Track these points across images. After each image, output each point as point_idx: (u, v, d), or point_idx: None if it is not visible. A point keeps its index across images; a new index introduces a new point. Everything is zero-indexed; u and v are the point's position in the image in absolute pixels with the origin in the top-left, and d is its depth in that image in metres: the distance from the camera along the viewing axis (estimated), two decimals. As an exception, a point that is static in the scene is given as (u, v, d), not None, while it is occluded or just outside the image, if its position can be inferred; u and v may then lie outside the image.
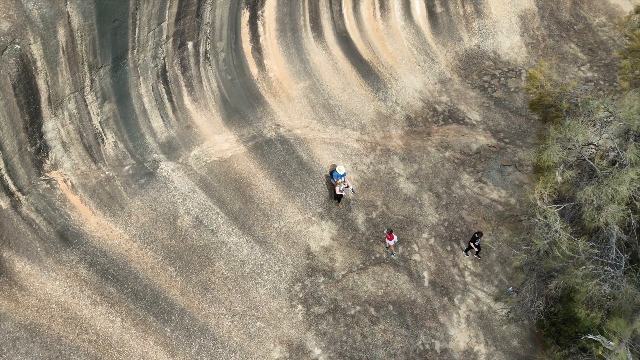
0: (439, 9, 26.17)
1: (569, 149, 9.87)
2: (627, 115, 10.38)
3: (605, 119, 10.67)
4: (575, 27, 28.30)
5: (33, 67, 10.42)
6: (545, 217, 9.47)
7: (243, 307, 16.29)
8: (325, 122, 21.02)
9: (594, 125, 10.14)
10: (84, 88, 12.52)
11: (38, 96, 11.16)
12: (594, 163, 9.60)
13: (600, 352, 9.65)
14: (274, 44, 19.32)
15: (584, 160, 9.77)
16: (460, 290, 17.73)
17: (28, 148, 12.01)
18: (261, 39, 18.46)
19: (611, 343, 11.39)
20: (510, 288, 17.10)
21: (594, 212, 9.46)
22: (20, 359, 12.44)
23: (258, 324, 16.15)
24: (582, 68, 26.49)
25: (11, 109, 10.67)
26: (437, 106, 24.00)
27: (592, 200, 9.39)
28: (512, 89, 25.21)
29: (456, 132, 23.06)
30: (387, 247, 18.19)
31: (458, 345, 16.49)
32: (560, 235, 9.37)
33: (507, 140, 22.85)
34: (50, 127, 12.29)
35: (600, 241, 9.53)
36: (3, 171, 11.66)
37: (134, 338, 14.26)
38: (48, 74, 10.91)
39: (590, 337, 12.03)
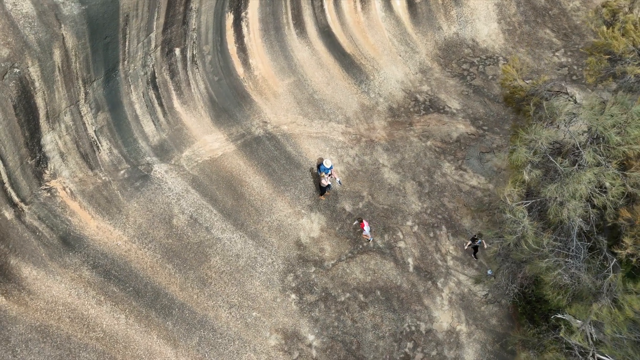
0: (418, -1, 26.71)
1: (535, 150, 10.81)
2: (589, 116, 11.32)
3: (570, 114, 11.61)
4: (550, 12, 29.07)
5: (32, 88, 10.96)
6: (514, 214, 10.46)
7: (239, 299, 17.22)
8: (310, 116, 21.72)
9: (558, 127, 11.07)
10: (78, 101, 13.08)
11: (37, 113, 11.72)
12: (557, 163, 10.56)
13: (562, 334, 10.76)
14: (258, 43, 19.82)
15: (549, 160, 10.73)
16: (443, 274, 18.88)
17: (29, 161, 12.62)
18: (246, 39, 18.96)
19: (578, 321, 12.60)
20: (490, 271, 18.28)
21: (557, 208, 10.46)
22: (33, 358, 13.29)
23: (254, 314, 17.13)
24: (556, 53, 27.40)
25: (13, 128, 11.24)
26: (418, 96, 24.77)
27: (556, 197, 10.38)
28: (490, 77, 26.05)
29: (437, 121, 23.93)
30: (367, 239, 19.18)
31: (442, 325, 17.70)
32: (527, 230, 10.39)
33: (485, 128, 23.80)
34: (49, 139, 12.88)
35: (563, 234, 10.57)
36: (7, 185, 12.27)
37: (138, 333, 15.15)
38: (45, 92, 11.46)
39: (559, 316, 13.25)
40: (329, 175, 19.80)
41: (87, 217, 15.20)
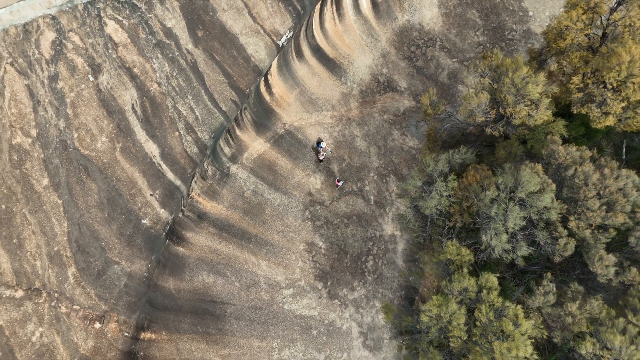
0: (379, -1, 36.95)
1: (417, 182, 25.52)
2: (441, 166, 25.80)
3: (434, 166, 25.92)
4: (478, -7, 39.14)
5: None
6: (406, 213, 25.67)
7: (282, 227, 33.22)
8: (310, 111, 34.89)
9: (428, 170, 25.46)
10: (205, 164, 27.12)
11: (191, 184, 25.90)
12: (425, 191, 25.36)
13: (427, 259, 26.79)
14: (276, 78, 32.11)
15: (423, 189, 25.54)
16: (389, 204, 34.58)
17: (186, 193, 27.22)
18: (270, 81, 31.37)
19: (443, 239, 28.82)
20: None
21: (426, 206, 25.63)
22: (200, 271, 29.76)
23: (290, 234, 33.31)
24: (477, 33, 38.66)
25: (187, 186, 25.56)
26: (380, 77, 37.26)
27: (423, 205, 25.49)
28: (429, 57, 38.01)
29: (391, 99, 36.96)
30: (337, 187, 34.27)
31: (387, 232, 34.08)
32: (410, 218, 25.70)
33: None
34: (192, 182, 27.23)
35: (425, 219, 25.78)
36: (182, 207, 27.06)
37: (238, 252, 31.51)
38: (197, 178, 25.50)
39: (439, 237, 29.45)
40: (323, 149, 34.04)
41: (206, 202, 30.24)
